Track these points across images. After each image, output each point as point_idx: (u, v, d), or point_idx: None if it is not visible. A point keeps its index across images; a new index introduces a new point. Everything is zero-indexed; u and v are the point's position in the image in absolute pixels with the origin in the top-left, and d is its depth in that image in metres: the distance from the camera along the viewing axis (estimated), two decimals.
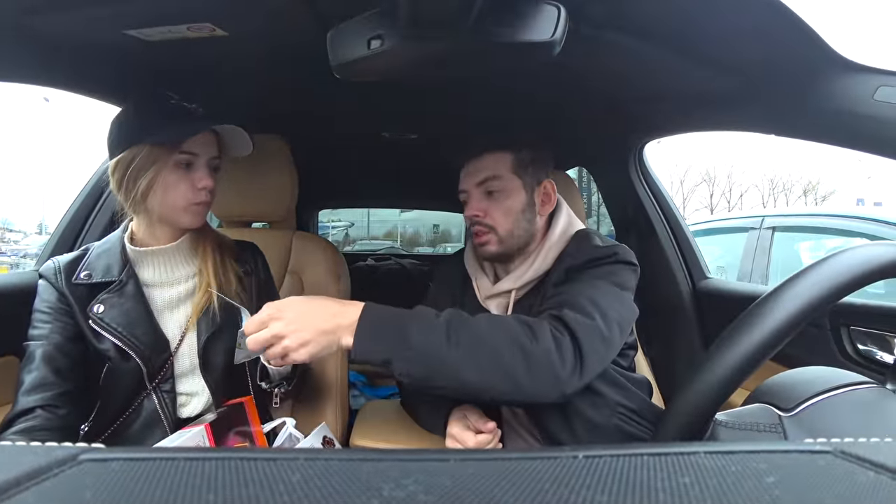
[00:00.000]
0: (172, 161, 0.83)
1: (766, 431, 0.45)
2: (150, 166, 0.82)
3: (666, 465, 0.23)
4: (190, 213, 0.87)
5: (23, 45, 0.80)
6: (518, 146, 0.94)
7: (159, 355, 0.85)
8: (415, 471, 0.23)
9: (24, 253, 11.38)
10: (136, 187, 0.82)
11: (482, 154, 0.93)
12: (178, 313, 0.90)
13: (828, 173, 26.47)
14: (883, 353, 0.99)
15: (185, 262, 0.92)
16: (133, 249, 0.88)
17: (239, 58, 0.96)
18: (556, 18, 0.55)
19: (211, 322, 0.89)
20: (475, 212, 0.93)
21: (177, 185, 0.84)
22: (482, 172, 0.93)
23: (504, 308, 0.95)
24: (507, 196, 0.92)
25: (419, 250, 5.98)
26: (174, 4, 0.73)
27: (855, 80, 0.73)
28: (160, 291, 0.89)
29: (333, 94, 1.13)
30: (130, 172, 0.82)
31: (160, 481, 0.21)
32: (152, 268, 0.89)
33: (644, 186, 1.55)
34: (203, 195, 0.87)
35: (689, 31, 0.78)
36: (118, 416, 0.85)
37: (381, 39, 0.58)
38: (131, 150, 0.81)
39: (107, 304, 0.84)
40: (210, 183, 0.87)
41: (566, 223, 0.97)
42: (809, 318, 0.41)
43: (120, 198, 0.85)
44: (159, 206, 0.84)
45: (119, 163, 0.83)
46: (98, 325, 0.83)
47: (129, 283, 0.86)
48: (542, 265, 0.92)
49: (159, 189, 0.83)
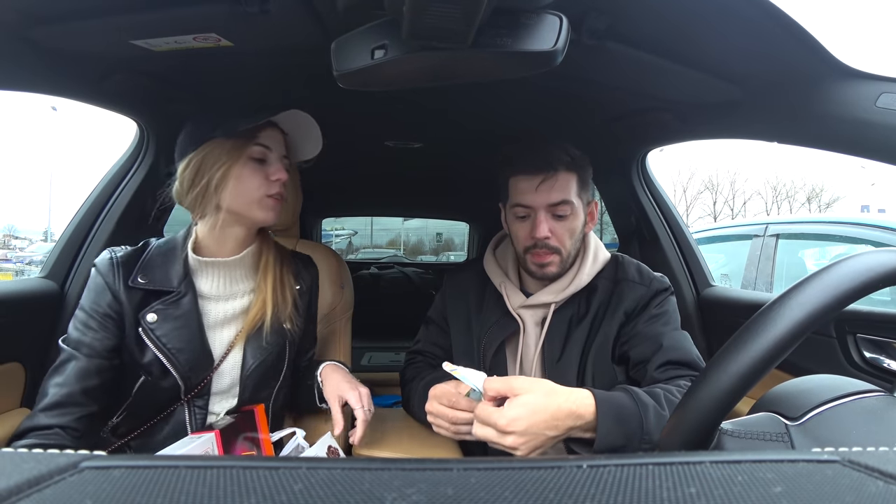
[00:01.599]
0: (246, 153, 0.83)
1: (772, 440, 0.44)
2: (225, 159, 0.81)
3: (671, 474, 0.23)
4: (263, 207, 0.85)
5: (30, 55, 0.81)
6: (580, 166, 0.94)
7: (200, 373, 0.83)
8: (418, 480, 0.22)
9: (29, 259, 11.46)
10: (209, 181, 0.81)
11: (557, 172, 0.90)
12: (227, 329, 0.88)
13: (832, 180, 26.46)
14: (890, 361, 0.98)
15: (245, 277, 0.91)
16: (195, 259, 0.85)
17: (244, 67, 0.97)
18: (557, 28, 0.56)
19: (259, 349, 0.87)
20: (546, 234, 0.91)
21: (251, 177, 0.83)
22: (558, 194, 0.90)
23: (541, 318, 0.97)
24: (574, 218, 0.93)
25: (422, 259, 5.99)
26: (180, 15, 0.74)
27: (857, 88, 0.73)
28: (215, 305, 0.87)
29: (337, 103, 1.14)
30: (203, 168, 0.81)
31: (161, 490, 0.21)
32: (212, 280, 0.87)
33: (647, 194, 1.55)
34: (277, 187, 0.85)
35: (690, 41, 0.79)
36: (145, 423, 0.84)
37: (384, 49, 0.59)
38: (204, 147, 0.81)
39: (160, 315, 0.81)
40: (284, 175, 0.86)
41: (595, 240, 1.01)
42: (815, 326, 0.41)
43: (188, 200, 0.84)
44: (232, 199, 0.83)
45: (190, 162, 0.82)
46: (147, 336, 0.80)
47: (188, 296, 0.83)
48: (583, 280, 0.95)
49: (232, 181, 0.82)
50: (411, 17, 0.51)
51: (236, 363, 0.87)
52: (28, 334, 1.04)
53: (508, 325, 0.98)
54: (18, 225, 25.00)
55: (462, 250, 4.05)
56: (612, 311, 0.94)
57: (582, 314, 0.96)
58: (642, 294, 0.94)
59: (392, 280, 3.09)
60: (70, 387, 0.77)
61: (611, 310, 0.95)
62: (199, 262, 0.86)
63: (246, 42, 0.84)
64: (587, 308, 0.96)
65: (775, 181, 26.37)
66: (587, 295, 0.97)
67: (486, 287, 1.05)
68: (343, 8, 0.68)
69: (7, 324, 0.97)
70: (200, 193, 0.82)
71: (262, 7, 0.71)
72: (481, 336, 1.00)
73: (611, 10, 0.72)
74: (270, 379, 0.91)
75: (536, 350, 0.96)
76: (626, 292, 0.95)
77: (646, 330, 0.92)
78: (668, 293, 0.97)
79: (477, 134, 1.46)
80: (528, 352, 0.98)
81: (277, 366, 0.92)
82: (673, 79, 0.92)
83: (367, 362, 2.43)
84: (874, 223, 2.40)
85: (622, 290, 0.96)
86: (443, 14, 0.50)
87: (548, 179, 0.90)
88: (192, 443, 0.77)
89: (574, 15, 0.60)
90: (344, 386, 0.91)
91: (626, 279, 0.97)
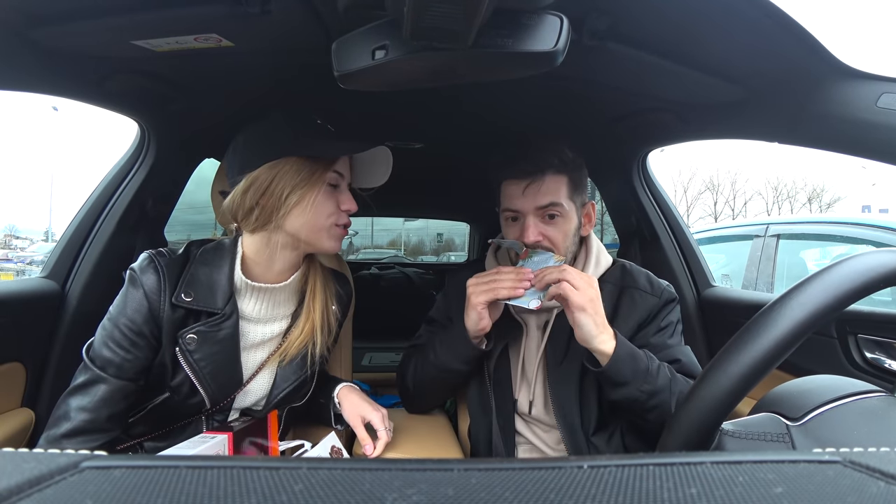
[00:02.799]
0: (325, 179, 0.79)
1: (773, 441, 0.44)
2: (303, 182, 0.76)
3: (672, 475, 0.23)
4: (332, 236, 0.82)
5: (31, 55, 0.82)
6: (571, 168, 0.94)
7: (227, 393, 0.82)
8: (418, 480, 0.22)
9: (30, 259, 11.46)
10: (283, 203, 0.76)
11: (544, 176, 0.91)
12: (260, 351, 0.86)
13: (833, 180, 26.42)
14: (891, 362, 0.98)
15: (287, 301, 0.88)
16: (244, 281, 0.81)
17: (245, 68, 0.97)
18: (558, 29, 0.56)
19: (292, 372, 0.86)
20: (537, 237, 0.91)
21: (325, 203, 0.79)
22: (545, 198, 0.90)
23: (544, 322, 0.97)
24: (566, 220, 0.93)
25: (423, 259, 5.99)
26: (181, 16, 0.74)
27: (858, 88, 0.73)
28: (254, 327, 0.84)
29: (338, 103, 1.14)
30: (277, 188, 0.76)
31: (162, 490, 0.21)
32: (255, 302, 0.84)
33: (648, 195, 1.55)
34: (345, 217, 0.83)
35: (690, 42, 0.79)
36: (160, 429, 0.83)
37: (385, 49, 0.59)
38: (279, 164, 0.76)
39: (200, 337, 0.76)
40: (355, 206, 0.83)
41: (597, 244, 1.02)
42: (816, 326, 0.41)
43: (246, 217, 0.79)
44: (300, 225, 0.78)
45: (259, 176, 0.76)
46: (183, 358, 0.76)
47: (231, 318, 0.79)
48: None
49: (308, 207, 0.77)
50: (412, 18, 0.51)
51: (264, 384, 0.86)
52: (29, 334, 1.04)
53: (511, 327, 0.98)
54: (19, 225, 25.05)
55: (463, 250, 4.05)
56: (622, 318, 0.95)
57: None
58: (653, 305, 0.96)
59: (393, 280, 3.09)
60: (96, 412, 0.73)
61: (620, 317, 0.95)
62: (247, 285, 0.82)
63: (247, 42, 0.84)
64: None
65: (776, 181, 26.40)
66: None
67: None
68: (344, 8, 0.68)
69: (8, 324, 0.97)
70: (265, 212, 0.77)
71: (263, 7, 0.71)
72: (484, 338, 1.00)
73: (611, 10, 0.72)
74: (294, 399, 0.91)
75: (539, 352, 0.97)
76: (638, 301, 0.96)
77: (657, 342, 0.94)
78: (675, 303, 0.99)
79: (477, 134, 1.46)
80: (530, 354, 0.98)
81: (304, 388, 0.92)
82: (673, 79, 0.92)
83: (368, 363, 2.43)
84: (875, 223, 2.40)
85: (633, 298, 0.96)
86: (443, 14, 0.50)
87: (534, 183, 0.90)
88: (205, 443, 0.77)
89: (575, 15, 0.60)
90: (366, 407, 0.91)
91: (636, 288, 0.98)
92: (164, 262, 0.77)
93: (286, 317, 0.88)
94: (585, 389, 0.93)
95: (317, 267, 0.92)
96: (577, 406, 0.92)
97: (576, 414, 0.92)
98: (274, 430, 0.89)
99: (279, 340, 0.87)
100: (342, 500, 0.20)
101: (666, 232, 1.52)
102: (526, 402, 0.98)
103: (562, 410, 0.92)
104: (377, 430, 0.88)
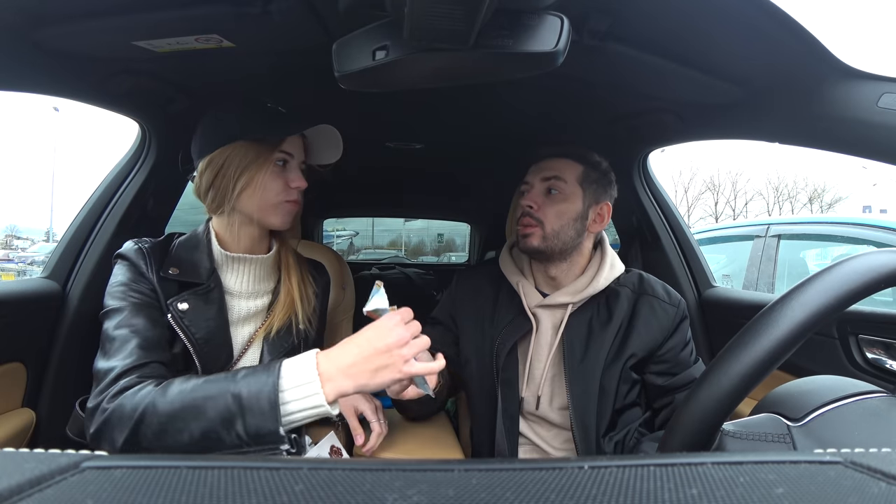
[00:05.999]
0: (272, 160, 0.83)
1: (774, 442, 0.44)
2: (251, 164, 0.81)
3: (673, 476, 0.23)
4: (280, 213, 0.86)
5: (33, 56, 0.82)
6: (591, 164, 0.99)
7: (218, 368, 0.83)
8: (419, 481, 0.22)
9: (31, 260, 11.47)
10: (233, 185, 0.81)
11: (558, 157, 0.99)
12: (247, 326, 0.88)
13: (833, 180, 26.40)
14: (892, 362, 0.98)
15: (268, 277, 0.91)
16: (223, 253, 0.86)
17: (246, 68, 0.97)
18: (559, 29, 0.56)
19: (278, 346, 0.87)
20: (530, 202, 0.97)
21: (272, 183, 0.84)
22: (550, 171, 0.98)
23: (559, 319, 0.98)
24: (565, 199, 0.97)
25: (423, 259, 5.99)
26: (182, 16, 0.74)
27: (858, 88, 0.73)
28: (239, 302, 0.88)
29: (338, 103, 1.14)
30: (227, 170, 0.81)
31: (162, 490, 0.21)
32: (238, 276, 0.88)
33: (648, 195, 1.55)
34: (295, 194, 0.86)
35: (691, 42, 0.79)
36: None
37: (385, 50, 0.59)
38: (228, 149, 0.81)
39: (191, 304, 0.80)
40: (304, 183, 0.87)
41: (612, 249, 1.04)
42: (817, 326, 0.41)
43: (208, 197, 0.84)
44: (252, 204, 0.83)
45: (213, 161, 0.82)
46: (177, 324, 0.78)
47: (215, 290, 0.84)
48: (600, 284, 0.97)
49: (257, 188, 0.82)
50: (413, 18, 0.51)
51: (254, 360, 0.87)
52: (30, 334, 1.04)
53: (523, 324, 0.99)
54: (21, 225, 25.08)
55: (463, 251, 4.05)
56: (642, 323, 0.97)
57: (604, 318, 0.98)
58: (673, 315, 0.99)
59: (393, 281, 3.09)
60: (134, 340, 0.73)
61: (642, 321, 0.97)
62: (227, 256, 0.86)
63: (248, 43, 0.84)
64: (609, 313, 0.98)
65: (777, 181, 26.33)
66: (606, 300, 0.99)
67: (500, 288, 1.05)
68: (344, 9, 0.68)
69: (9, 324, 0.97)
70: (219, 194, 0.83)
71: (264, 8, 0.72)
72: (495, 336, 1.00)
73: (612, 10, 0.72)
74: None
75: (551, 351, 0.97)
76: (657, 310, 0.98)
77: (681, 359, 0.98)
78: (687, 316, 1.02)
79: (478, 135, 1.46)
80: (539, 352, 0.99)
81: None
82: (674, 79, 0.92)
83: None
84: (876, 223, 2.39)
85: (651, 306, 0.99)
86: (444, 15, 0.50)
87: (550, 160, 0.99)
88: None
89: (575, 16, 0.60)
90: (358, 398, 0.92)
91: (654, 296, 1.00)
92: (147, 245, 0.83)
93: (268, 293, 0.91)
94: (605, 389, 0.94)
95: (288, 245, 0.96)
96: (595, 405, 0.93)
97: (592, 413, 0.92)
98: None
99: (264, 316, 0.90)
100: (343, 501, 0.20)
101: (667, 232, 1.52)
102: (533, 402, 0.98)
103: (578, 410, 0.93)
104: (370, 423, 0.90)
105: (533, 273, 1.04)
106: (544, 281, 1.02)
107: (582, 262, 1.01)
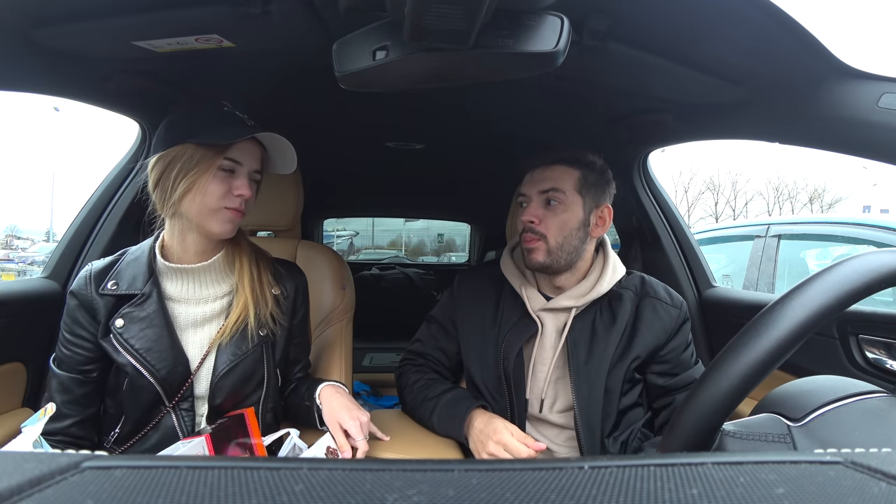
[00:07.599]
0: (216, 165, 0.81)
1: (774, 442, 0.44)
2: (194, 168, 0.80)
3: (673, 476, 0.23)
4: (219, 219, 0.84)
5: (33, 56, 0.82)
6: (587, 166, 0.97)
7: (177, 376, 0.83)
8: (419, 481, 0.22)
9: (31, 260, 11.46)
10: (175, 187, 0.80)
11: (552, 164, 0.96)
12: (201, 332, 0.87)
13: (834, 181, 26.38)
14: (893, 362, 0.98)
15: (218, 281, 0.90)
16: (162, 263, 0.86)
17: (246, 68, 0.97)
18: (559, 29, 0.56)
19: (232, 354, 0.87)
20: (531, 217, 0.95)
21: (214, 187, 0.82)
22: (547, 182, 0.95)
23: (562, 323, 0.98)
24: (566, 210, 0.95)
25: (424, 259, 5.99)
26: (182, 17, 0.74)
27: (859, 88, 0.73)
28: (185, 308, 0.87)
29: (339, 104, 1.14)
30: (171, 171, 0.80)
31: (162, 490, 0.21)
32: (179, 282, 0.87)
33: (648, 195, 1.55)
34: (237, 202, 0.84)
35: (691, 42, 0.79)
36: (139, 430, 0.84)
37: (385, 50, 0.59)
38: (176, 149, 0.80)
39: (127, 319, 0.82)
40: (248, 193, 0.85)
41: (613, 253, 1.04)
42: (817, 326, 0.41)
43: (155, 197, 0.84)
44: (192, 208, 0.82)
45: (160, 160, 0.81)
46: (117, 341, 0.81)
47: (152, 297, 0.84)
48: (603, 287, 0.97)
49: (198, 192, 0.81)
50: (413, 18, 0.51)
51: (210, 367, 0.86)
52: (30, 334, 1.04)
53: (528, 326, 0.98)
54: (21, 225, 25.08)
55: (464, 251, 4.05)
56: (646, 325, 0.97)
57: (608, 320, 0.98)
58: (675, 316, 0.99)
59: (393, 281, 3.09)
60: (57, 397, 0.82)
61: (646, 323, 0.97)
62: (166, 266, 0.86)
63: (248, 43, 0.84)
64: (613, 315, 0.98)
65: (777, 181, 26.31)
66: (609, 302, 0.99)
67: (502, 291, 1.05)
68: (344, 9, 0.68)
69: (9, 324, 0.98)
70: (163, 194, 0.82)
71: (264, 8, 0.72)
72: (499, 339, 1.00)
73: (612, 11, 0.72)
74: (250, 386, 0.90)
75: (555, 355, 0.97)
76: (660, 312, 0.99)
77: (682, 360, 0.99)
78: (688, 317, 1.03)
79: (478, 135, 1.46)
80: (543, 355, 0.99)
81: (257, 372, 0.90)
82: (674, 80, 0.92)
83: (369, 363, 2.43)
84: (876, 223, 2.39)
85: (654, 307, 0.99)
86: (444, 15, 0.50)
87: (542, 169, 0.96)
88: (183, 447, 0.77)
89: (575, 16, 0.60)
90: (343, 414, 0.88)
91: (657, 298, 1.00)
92: (94, 266, 0.87)
93: (220, 297, 0.90)
94: (610, 390, 0.94)
95: (243, 245, 0.94)
96: (601, 407, 0.93)
97: (597, 414, 0.93)
98: (254, 428, 0.87)
99: (222, 320, 0.89)
100: (343, 501, 0.20)
101: (667, 232, 1.52)
102: (537, 403, 0.98)
103: (584, 411, 0.93)
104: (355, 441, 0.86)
105: (535, 276, 1.03)
106: (547, 284, 1.01)
107: (584, 266, 1.00)
